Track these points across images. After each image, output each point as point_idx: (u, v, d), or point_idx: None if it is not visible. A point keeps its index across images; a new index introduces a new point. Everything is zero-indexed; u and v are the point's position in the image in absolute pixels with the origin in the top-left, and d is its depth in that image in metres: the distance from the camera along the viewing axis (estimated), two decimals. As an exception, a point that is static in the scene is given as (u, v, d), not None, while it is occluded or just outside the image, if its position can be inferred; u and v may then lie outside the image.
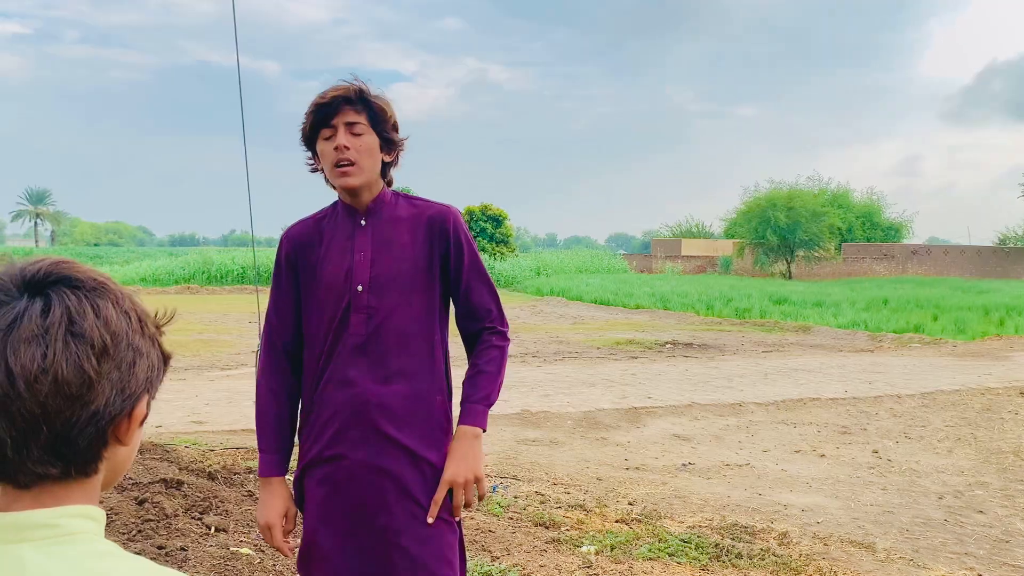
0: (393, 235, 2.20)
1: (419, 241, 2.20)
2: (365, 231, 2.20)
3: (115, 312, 0.85)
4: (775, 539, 4.41)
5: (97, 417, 0.84)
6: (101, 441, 0.86)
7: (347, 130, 2.13)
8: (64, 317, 0.82)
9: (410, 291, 2.18)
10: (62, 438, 0.83)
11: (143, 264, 35.34)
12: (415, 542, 2.10)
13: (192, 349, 12.48)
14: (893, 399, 8.94)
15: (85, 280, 0.85)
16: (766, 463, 6.23)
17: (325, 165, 2.17)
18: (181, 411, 7.47)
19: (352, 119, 2.14)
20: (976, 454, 6.61)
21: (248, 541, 3.84)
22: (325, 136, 2.15)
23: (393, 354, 2.16)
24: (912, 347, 14.37)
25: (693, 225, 63.85)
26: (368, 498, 2.12)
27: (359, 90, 2.16)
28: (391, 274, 2.17)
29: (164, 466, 4.59)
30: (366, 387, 2.13)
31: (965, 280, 35.16)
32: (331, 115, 2.14)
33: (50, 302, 0.82)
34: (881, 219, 50.76)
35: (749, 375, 10.62)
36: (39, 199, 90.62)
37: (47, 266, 0.85)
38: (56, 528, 0.83)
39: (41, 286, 0.84)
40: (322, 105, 2.14)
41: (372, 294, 2.15)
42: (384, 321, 2.15)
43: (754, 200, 43.63)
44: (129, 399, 0.86)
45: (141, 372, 0.87)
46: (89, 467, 0.86)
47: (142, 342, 0.88)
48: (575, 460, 6.15)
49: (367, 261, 2.17)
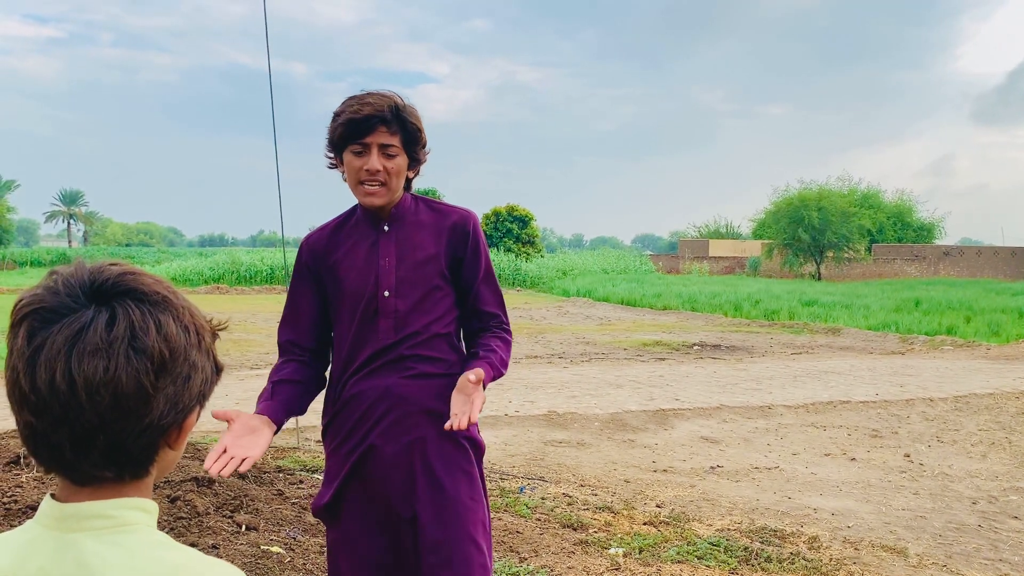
0: (416, 240, 2.22)
1: (441, 246, 2.23)
2: (388, 237, 2.21)
3: (176, 327, 0.88)
4: (805, 543, 4.37)
5: (151, 428, 0.87)
6: (153, 449, 0.89)
7: (380, 152, 2.11)
8: (128, 331, 0.84)
9: (434, 295, 2.22)
10: (117, 446, 0.86)
11: (173, 264, 35.82)
12: (440, 526, 2.13)
13: (222, 349, 12.51)
14: (925, 402, 8.82)
15: (150, 294, 0.88)
16: (795, 466, 6.18)
17: (350, 178, 2.17)
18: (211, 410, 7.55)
19: (386, 140, 2.11)
20: (1011, 459, 6.51)
21: (278, 539, 3.87)
22: (355, 150, 2.12)
23: (419, 356, 2.19)
24: (944, 349, 14.17)
25: (721, 225, 63.42)
26: (395, 487, 2.15)
27: (395, 108, 2.11)
28: (416, 279, 2.19)
29: (196, 465, 4.64)
30: (393, 383, 2.17)
31: (999, 282, 34.61)
32: (365, 133, 2.10)
33: (115, 315, 0.84)
34: (912, 219, 50.10)
35: (778, 377, 10.53)
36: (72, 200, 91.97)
37: (116, 276, 0.87)
38: (113, 519, 0.87)
39: (108, 296, 0.86)
40: (357, 122, 2.08)
41: (399, 299, 2.18)
42: (411, 324, 2.18)
43: (784, 200, 43.24)
44: (182, 412, 0.89)
45: (195, 386, 0.90)
46: (141, 471, 0.90)
47: (199, 356, 0.91)
48: (602, 462, 6.14)
49: (392, 266, 2.19)
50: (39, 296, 0.85)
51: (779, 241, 42.59)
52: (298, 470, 5.15)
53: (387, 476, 2.15)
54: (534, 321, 19.34)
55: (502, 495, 4.97)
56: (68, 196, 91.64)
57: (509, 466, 5.81)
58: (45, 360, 0.82)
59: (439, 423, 2.16)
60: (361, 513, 2.17)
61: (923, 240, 48.56)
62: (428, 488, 2.15)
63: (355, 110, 2.10)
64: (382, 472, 2.15)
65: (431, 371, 2.20)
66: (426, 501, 2.14)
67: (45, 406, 0.83)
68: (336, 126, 2.14)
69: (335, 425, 2.24)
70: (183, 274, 32.69)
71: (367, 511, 2.17)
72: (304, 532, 4.02)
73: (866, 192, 49.06)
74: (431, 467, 2.16)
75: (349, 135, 2.10)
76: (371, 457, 2.16)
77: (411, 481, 2.15)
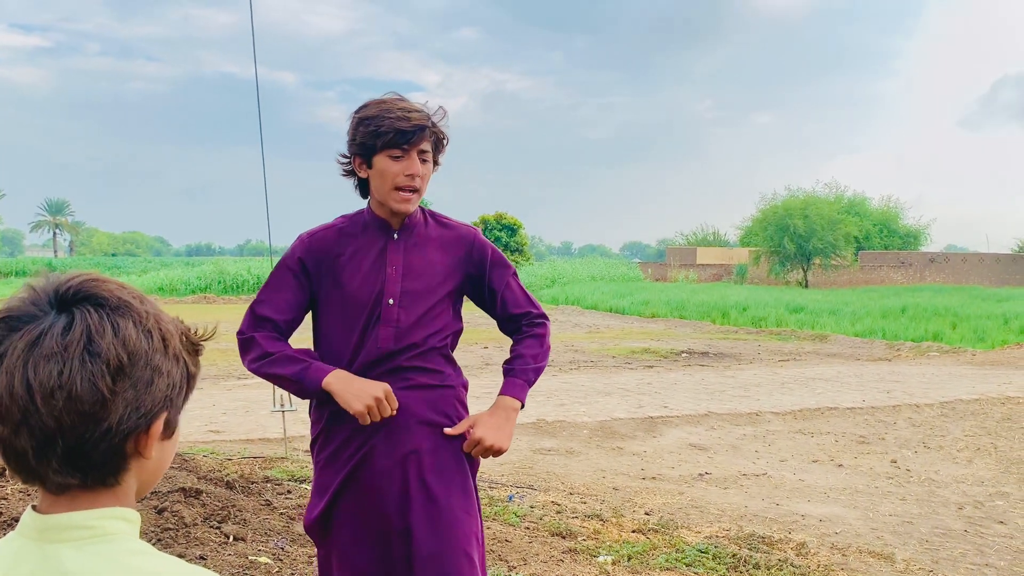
0: (425, 253, 2.23)
1: (449, 261, 2.25)
2: (398, 246, 2.21)
3: (136, 331, 0.87)
4: (793, 549, 4.39)
5: (111, 433, 0.86)
6: (118, 455, 0.88)
7: (419, 158, 2.15)
8: (84, 335, 0.84)
9: (437, 308, 2.22)
10: (77, 451, 0.85)
11: (160, 274, 35.67)
12: (434, 538, 2.12)
13: (209, 358, 12.55)
14: (911, 408, 8.87)
15: (110, 298, 0.88)
16: (783, 473, 6.20)
17: (384, 183, 2.14)
18: (198, 420, 7.52)
19: (425, 147, 2.15)
20: (996, 464, 6.55)
21: (266, 550, 3.86)
22: (394, 155, 2.12)
23: (418, 367, 2.20)
24: (930, 356, 14.26)
25: (708, 233, 63.66)
26: (390, 498, 2.14)
27: (431, 118, 2.17)
28: (421, 290, 2.20)
29: (183, 475, 4.62)
30: None
31: (984, 288, 34.86)
32: (409, 142, 2.12)
33: (73, 320, 0.85)
34: (898, 226, 50.41)
35: (766, 384, 10.56)
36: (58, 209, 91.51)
37: (77, 283, 0.88)
38: (92, 529, 0.87)
39: (70, 303, 0.87)
40: (405, 132, 2.10)
41: (402, 308, 2.17)
42: (410, 335, 2.18)
43: (770, 208, 43.44)
44: (145, 416, 0.88)
45: (159, 391, 0.89)
46: (108, 478, 0.89)
47: (163, 361, 0.90)
48: (591, 470, 6.14)
49: (398, 275, 2.19)
50: (8, 305, 0.87)
51: (766, 249, 42.79)
52: (286, 480, 5.13)
53: (381, 487, 2.14)
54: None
55: (491, 503, 4.97)
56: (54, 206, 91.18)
57: (498, 474, 5.80)
58: (6, 366, 0.83)
59: (434, 435, 2.16)
60: (354, 525, 2.16)
61: (909, 247, 48.87)
62: (422, 500, 2.14)
63: (402, 118, 2.11)
64: (376, 483, 2.14)
65: (428, 382, 2.20)
66: (420, 513, 2.13)
67: (7, 412, 0.83)
68: (374, 131, 2.11)
69: (328, 434, 2.21)
70: (170, 284, 32.56)
71: (360, 523, 2.15)
72: (292, 542, 4.00)
73: (852, 199, 49.37)
74: (425, 479, 2.15)
75: (392, 142, 2.11)
76: (365, 468, 2.15)
77: (405, 492, 2.14)
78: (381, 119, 2.11)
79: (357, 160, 2.20)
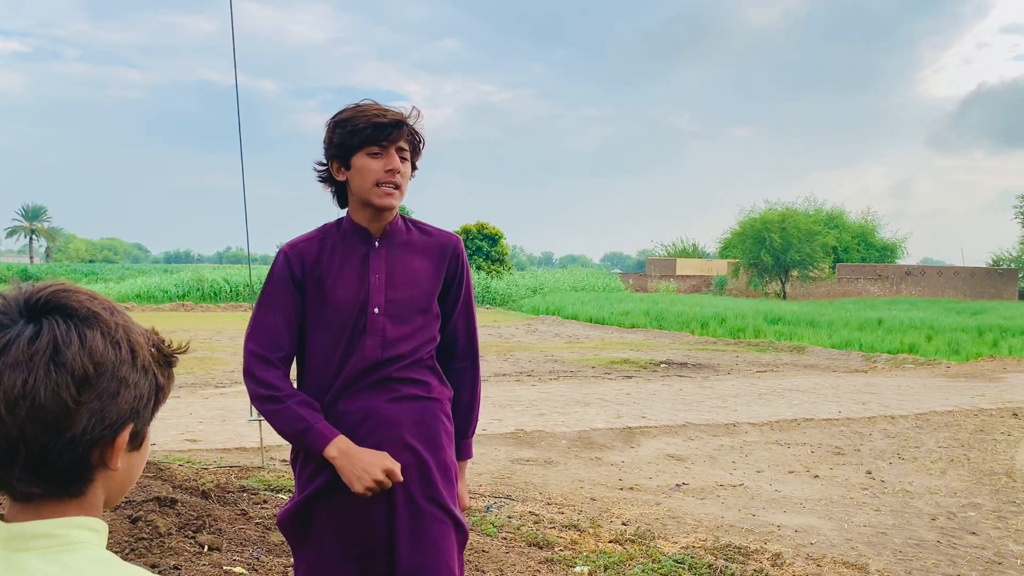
0: (407, 260, 2.19)
1: (431, 268, 2.22)
2: (379, 253, 2.17)
3: (103, 342, 0.87)
4: (768, 560, 4.41)
5: (75, 443, 0.86)
6: (83, 465, 0.88)
7: (398, 154, 2.14)
8: (50, 345, 0.84)
9: (422, 316, 2.20)
10: (40, 460, 0.85)
11: (137, 281, 35.30)
12: (418, 553, 2.11)
13: (186, 367, 12.46)
14: (887, 420, 8.96)
15: (79, 309, 0.88)
16: (760, 483, 6.24)
17: (365, 181, 2.12)
18: (175, 429, 7.46)
19: (403, 144, 2.15)
20: (969, 475, 6.62)
21: (242, 560, 3.83)
22: (371, 152, 2.11)
23: (405, 378, 2.17)
24: (906, 368, 14.40)
25: (688, 245, 64.03)
26: (374, 511, 2.11)
27: (405, 117, 2.16)
28: (406, 298, 2.17)
29: (157, 484, 4.58)
30: (377, 406, 2.13)
31: (959, 301, 35.29)
32: (387, 137, 2.11)
33: (40, 329, 0.85)
34: (876, 239, 50.97)
35: (743, 395, 10.63)
36: (34, 215, 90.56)
37: (47, 293, 0.88)
38: (58, 538, 0.87)
39: (39, 312, 0.87)
40: (383, 126, 2.10)
41: (387, 318, 2.14)
42: (396, 345, 2.15)
43: (748, 220, 43.82)
44: (110, 427, 0.88)
45: (125, 402, 0.89)
46: (72, 488, 0.89)
47: (130, 372, 0.90)
48: (569, 480, 6.15)
49: (382, 284, 2.15)
50: None
51: (744, 261, 43.12)
52: (262, 489, 5.10)
53: (366, 500, 2.09)
54: (503, 339, 19.35)
55: (468, 514, 4.96)
56: (30, 212, 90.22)
57: (476, 484, 5.80)
58: None
59: (421, 448, 2.14)
60: (335, 536, 2.12)
61: (886, 260, 49.38)
62: (408, 513, 2.11)
63: (378, 114, 2.11)
64: (361, 497, 2.09)
65: (415, 393, 2.17)
66: (404, 526, 2.11)
67: None
68: (352, 130, 2.11)
69: None
70: (148, 291, 32.25)
71: (342, 534, 2.12)
72: (268, 552, 3.98)
73: (831, 212, 49.87)
74: (412, 492, 2.13)
75: (370, 138, 2.10)
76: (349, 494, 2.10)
77: (391, 505, 2.11)
78: (357, 118, 2.10)
79: (335, 164, 2.17)
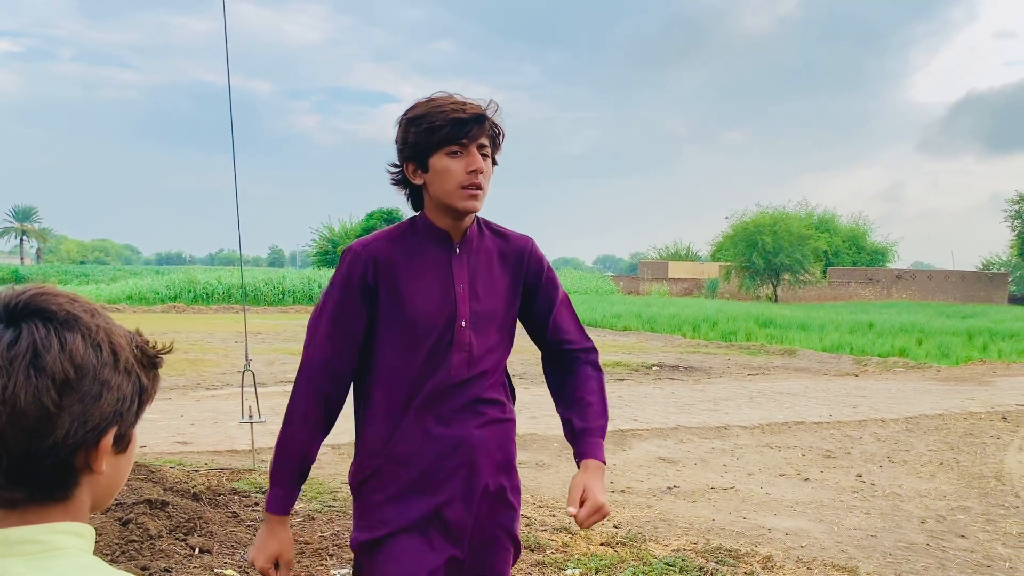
0: (487, 268, 2.02)
1: (510, 278, 2.06)
2: (460, 261, 1.98)
3: (84, 345, 0.87)
4: (759, 563, 4.43)
5: (57, 448, 0.85)
6: (67, 470, 0.88)
7: (479, 152, 1.93)
8: (29, 350, 0.84)
9: (502, 329, 2.05)
10: (22, 466, 0.85)
11: (129, 282, 35.18)
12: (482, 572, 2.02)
13: (178, 368, 12.42)
14: (877, 423, 8.99)
15: (58, 312, 0.87)
16: (751, 486, 6.25)
17: (447, 184, 1.91)
18: (166, 431, 7.44)
19: (484, 141, 1.93)
20: (958, 479, 6.66)
21: (232, 562, 3.83)
22: (451, 152, 1.89)
23: (490, 399, 2.02)
24: (896, 371, 14.46)
25: (680, 248, 64.20)
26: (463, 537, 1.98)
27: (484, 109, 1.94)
28: (489, 311, 2.01)
29: (148, 487, 4.57)
30: (469, 433, 1.97)
31: (949, 305, 35.46)
32: (468, 135, 1.90)
33: (20, 334, 0.84)
34: (867, 243, 51.22)
35: (735, 398, 10.65)
36: (25, 216, 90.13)
37: (27, 297, 0.88)
38: (42, 544, 0.86)
39: (18, 317, 0.86)
40: (463, 122, 1.88)
41: (474, 331, 1.97)
42: (481, 360, 1.99)
43: (740, 224, 43.96)
44: (93, 431, 0.87)
45: (108, 405, 0.88)
46: (57, 493, 0.88)
47: (112, 375, 0.89)
48: (561, 483, 6.16)
49: (466, 294, 1.97)
50: None
51: (736, 264, 43.25)
52: (254, 492, 5.09)
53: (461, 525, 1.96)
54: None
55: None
56: (21, 212, 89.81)
57: (467, 487, 5.80)
58: None
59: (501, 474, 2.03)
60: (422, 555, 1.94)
61: (877, 263, 49.62)
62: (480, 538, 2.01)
63: (456, 109, 1.89)
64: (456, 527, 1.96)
65: (499, 416, 2.03)
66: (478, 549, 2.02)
67: None
68: (428, 128, 1.89)
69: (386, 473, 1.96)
70: (139, 292, 32.14)
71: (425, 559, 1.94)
72: (259, 555, 3.97)
73: (822, 216, 50.08)
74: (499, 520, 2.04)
75: (449, 137, 1.88)
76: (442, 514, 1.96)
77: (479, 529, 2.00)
78: (434, 115, 1.89)
79: (410, 166, 1.96)
